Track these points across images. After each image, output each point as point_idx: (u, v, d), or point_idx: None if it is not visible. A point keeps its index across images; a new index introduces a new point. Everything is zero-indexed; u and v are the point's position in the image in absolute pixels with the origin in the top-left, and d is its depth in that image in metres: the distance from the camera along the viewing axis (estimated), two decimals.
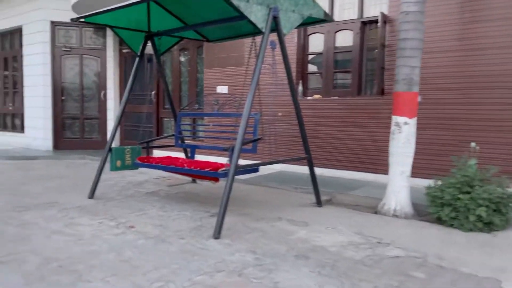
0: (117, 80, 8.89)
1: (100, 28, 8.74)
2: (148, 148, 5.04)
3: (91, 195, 4.67)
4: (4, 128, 9.83)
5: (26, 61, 8.81)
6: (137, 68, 4.98)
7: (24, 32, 8.78)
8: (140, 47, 5.02)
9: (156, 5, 4.85)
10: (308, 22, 4.41)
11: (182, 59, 7.94)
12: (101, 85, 8.88)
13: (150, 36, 5.00)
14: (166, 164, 4.34)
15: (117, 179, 5.79)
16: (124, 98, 4.91)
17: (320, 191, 4.41)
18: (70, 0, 7.45)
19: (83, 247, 3.03)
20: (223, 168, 3.75)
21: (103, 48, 8.83)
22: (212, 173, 3.73)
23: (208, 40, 5.52)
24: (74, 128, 8.86)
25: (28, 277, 2.48)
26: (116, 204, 4.44)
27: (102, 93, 8.85)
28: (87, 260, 2.77)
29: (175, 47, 6.42)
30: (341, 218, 3.97)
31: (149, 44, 4.99)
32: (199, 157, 5.62)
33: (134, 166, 4.88)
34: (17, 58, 9.35)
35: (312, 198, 4.53)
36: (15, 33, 9.35)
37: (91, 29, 8.79)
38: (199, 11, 4.83)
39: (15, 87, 9.51)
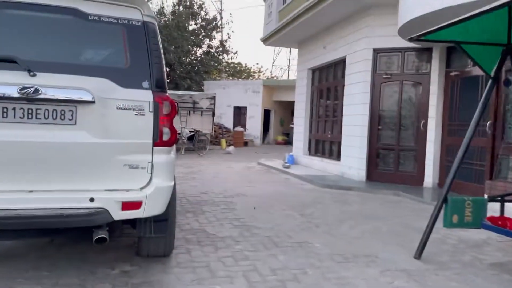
0: (440, 108, 7.72)
1: (424, 50, 7.86)
2: (503, 203, 3.64)
3: (418, 254, 3.71)
4: (323, 154, 10.44)
5: (347, 90, 8.96)
6: (488, 93, 3.72)
7: (347, 62, 8.99)
8: (495, 66, 3.74)
9: None
10: None
11: None
12: (421, 114, 7.94)
13: (510, 50, 3.65)
14: None
15: (445, 232, 4.60)
16: (469, 131, 3.75)
17: None
18: (396, 26, 6.92)
19: None
20: None
21: (427, 73, 7.88)
22: None
23: None
24: (388, 159, 8.28)
25: None
26: (451, 276, 3.30)
27: (421, 123, 7.88)
28: None
29: None
30: None
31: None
32: None
33: (478, 226, 3.61)
34: (338, 88, 9.72)
35: None
36: (339, 64, 9.77)
37: (413, 52, 8.03)
38: None
39: (334, 115, 9.91)
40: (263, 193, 6.84)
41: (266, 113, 23.40)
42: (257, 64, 63.19)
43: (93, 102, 2.62)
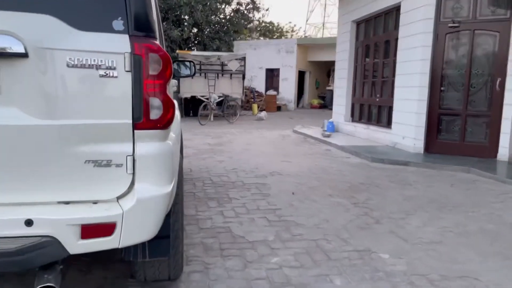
0: None
1: None
2: None
3: None
4: (368, 121, 9.09)
5: (401, 44, 7.48)
6: None
7: (402, 9, 7.44)
8: None
9: None
10: None
11: None
12: (497, 71, 6.41)
13: None
14: None
15: None
16: None
17: None
18: None
19: None
20: None
21: (506, 19, 6.28)
22: None
23: None
24: (452, 127, 6.88)
25: None
26: None
27: (497, 82, 6.38)
28: None
29: None
30: None
31: None
32: None
33: None
34: (390, 42, 8.22)
35: None
36: (391, 14, 8.22)
37: None
38: None
39: (384, 75, 8.47)
40: (302, 171, 5.71)
41: (301, 75, 21.84)
42: (290, 23, 60.38)
43: (25, 55, 1.53)
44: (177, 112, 2.59)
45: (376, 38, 8.78)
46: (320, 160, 6.59)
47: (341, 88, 10.13)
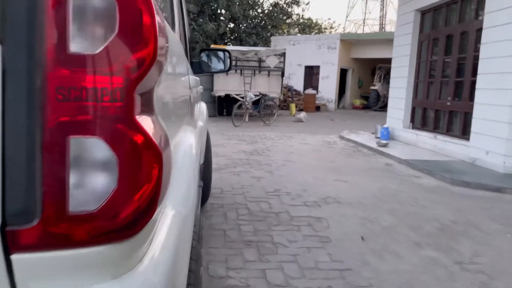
0: None
1: None
2: None
3: None
4: (435, 129, 7.59)
5: (487, 37, 5.98)
6: None
7: None
8: None
9: None
10: None
11: None
12: None
13: None
14: None
15: None
16: None
17: None
18: None
19: None
20: None
21: None
22: None
23: None
24: None
25: None
26: None
27: None
28: None
29: None
30: None
31: None
32: None
33: None
34: (468, 34, 6.70)
35: None
36: (468, 0, 6.71)
37: None
38: None
39: (459, 75, 6.96)
40: (365, 197, 4.39)
41: (342, 73, 20.27)
42: (329, 19, 58.39)
43: None
44: (192, 138, 1.38)
45: (449, 30, 7.26)
46: (383, 180, 5.23)
47: (399, 88, 8.65)
